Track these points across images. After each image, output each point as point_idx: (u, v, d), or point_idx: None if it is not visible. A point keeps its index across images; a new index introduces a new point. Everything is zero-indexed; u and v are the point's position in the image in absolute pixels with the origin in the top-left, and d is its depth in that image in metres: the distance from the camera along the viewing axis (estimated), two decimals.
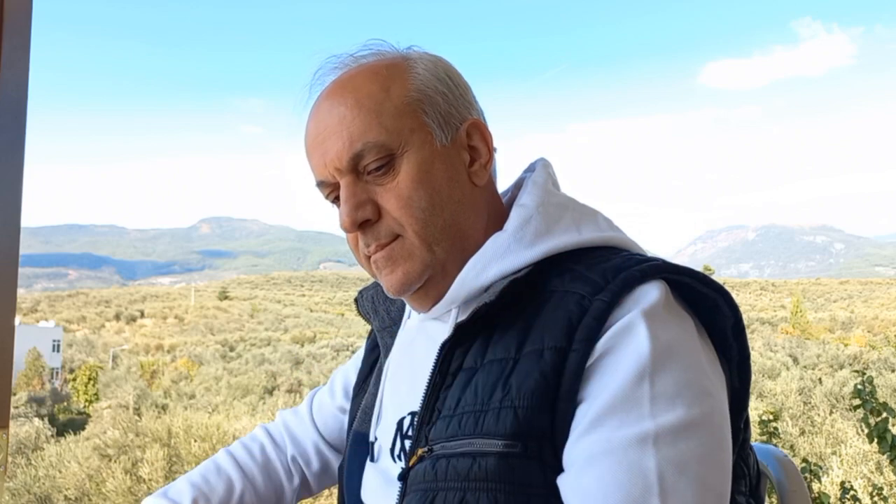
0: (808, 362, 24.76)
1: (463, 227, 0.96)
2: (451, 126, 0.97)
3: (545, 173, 1.04)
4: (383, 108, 0.93)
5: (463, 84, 1.01)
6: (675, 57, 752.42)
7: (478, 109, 1.02)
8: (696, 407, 0.81)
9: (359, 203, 0.94)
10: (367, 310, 1.17)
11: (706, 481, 0.79)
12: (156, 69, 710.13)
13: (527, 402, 0.82)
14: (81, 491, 11.65)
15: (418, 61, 0.98)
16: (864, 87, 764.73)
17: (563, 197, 1.02)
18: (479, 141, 0.99)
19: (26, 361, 34.04)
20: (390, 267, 0.96)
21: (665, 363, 0.81)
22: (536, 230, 0.94)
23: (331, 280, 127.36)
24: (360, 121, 0.93)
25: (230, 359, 36.18)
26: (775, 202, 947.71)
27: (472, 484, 0.83)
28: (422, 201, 0.93)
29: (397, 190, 0.93)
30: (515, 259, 0.92)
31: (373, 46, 1.01)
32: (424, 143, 0.94)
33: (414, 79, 0.96)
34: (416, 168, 0.93)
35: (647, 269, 0.87)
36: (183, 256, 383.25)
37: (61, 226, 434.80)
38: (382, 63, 0.98)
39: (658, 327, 0.83)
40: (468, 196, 0.97)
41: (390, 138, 0.93)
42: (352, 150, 0.93)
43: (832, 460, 9.85)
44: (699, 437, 0.80)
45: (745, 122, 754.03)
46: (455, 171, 0.96)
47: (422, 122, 0.95)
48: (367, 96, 0.94)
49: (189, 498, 1.14)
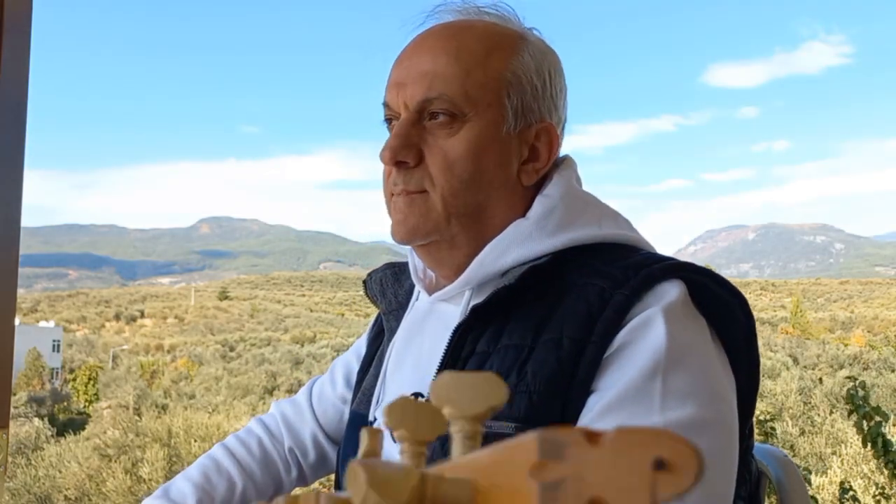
0: (808, 362, 24.76)
1: (490, 214, 0.96)
2: (526, 119, 0.96)
3: (570, 169, 1.04)
4: (475, 71, 0.93)
5: (559, 87, 1.01)
6: (678, 58, 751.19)
7: (560, 117, 1.01)
8: (707, 408, 0.81)
9: (406, 143, 0.94)
10: (375, 292, 1.17)
11: (712, 481, 0.79)
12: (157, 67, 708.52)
13: (542, 388, 0.83)
14: (81, 491, 11.64)
15: (531, 46, 0.98)
16: (864, 87, 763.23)
17: (586, 193, 1.03)
18: (544, 145, 0.99)
19: (26, 361, 34.03)
20: (404, 214, 0.96)
21: (680, 362, 0.82)
22: (559, 220, 0.95)
23: (331, 280, 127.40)
24: (448, 72, 0.93)
25: (230, 359, 36.18)
26: (775, 202, 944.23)
27: None
28: (465, 172, 0.93)
29: (446, 150, 0.93)
30: (536, 246, 0.92)
31: (501, 8, 1.00)
32: (493, 122, 0.94)
33: (517, 59, 0.96)
34: (473, 139, 0.93)
35: (668, 268, 0.88)
36: (183, 256, 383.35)
37: (61, 226, 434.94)
38: (498, 29, 0.98)
39: (676, 326, 0.83)
40: (508, 188, 0.97)
41: (465, 100, 0.92)
42: (427, 94, 0.93)
43: (832, 460, 9.85)
44: (707, 437, 0.80)
45: (745, 121, 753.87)
46: (507, 160, 0.96)
47: (501, 102, 0.94)
48: (468, 53, 0.94)
49: (193, 499, 1.13)
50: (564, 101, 1.02)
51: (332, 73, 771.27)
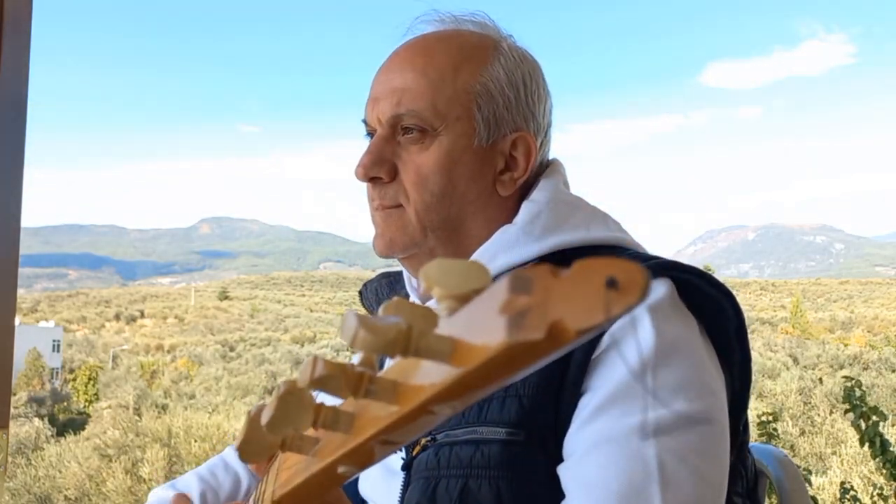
0: (808, 362, 24.76)
1: (466, 226, 0.97)
2: (499, 130, 0.96)
3: (557, 173, 1.04)
4: (443, 86, 0.94)
5: (536, 95, 1.00)
6: (678, 58, 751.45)
7: (539, 123, 1.00)
8: (698, 402, 0.81)
9: (378, 159, 0.96)
10: (372, 302, 1.18)
11: (705, 475, 0.80)
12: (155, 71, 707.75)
13: (532, 392, 0.83)
14: (81, 491, 11.65)
15: (504, 56, 0.98)
16: (864, 87, 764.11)
17: (573, 196, 1.02)
18: (522, 155, 0.98)
19: (26, 361, 34.03)
20: (381, 228, 0.99)
21: (668, 358, 0.82)
22: (545, 225, 0.95)
23: (331, 280, 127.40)
24: (417, 88, 0.94)
25: (230, 359, 36.18)
26: (775, 202, 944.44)
27: (475, 471, 0.83)
28: (436, 186, 0.94)
29: (417, 165, 0.94)
30: (523, 251, 0.93)
31: (478, 17, 1.01)
32: (463, 134, 0.95)
33: (488, 71, 0.96)
34: (444, 153, 0.94)
35: (654, 266, 0.88)
36: (183, 256, 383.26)
37: (61, 226, 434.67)
38: (471, 40, 0.98)
39: (663, 322, 0.84)
40: (484, 199, 0.97)
41: (434, 116, 0.94)
42: (396, 110, 0.94)
43: (832, 460, 9.85)
44: (699, 431, 0.81)
45: (745, 121, 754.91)
46: (480, 172, 0.96)
47: (471, 115, 0.95)
48: (435, 68, 0.95)
49: (197, 491, 1.14)
50: (544, 108, 1.01)
51: (333, 73, 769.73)
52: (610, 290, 0.31)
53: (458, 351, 0.36)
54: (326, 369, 0.40)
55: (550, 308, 0.32)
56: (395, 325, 0.37)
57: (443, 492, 0.85)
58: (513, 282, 0.34)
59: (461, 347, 0.36)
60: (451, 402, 0.38)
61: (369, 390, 0.41)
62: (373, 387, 0.41)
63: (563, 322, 0.32)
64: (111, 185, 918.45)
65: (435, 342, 0.37)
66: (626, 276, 0.31)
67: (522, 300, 0.33)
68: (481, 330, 0.35)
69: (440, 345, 0.37)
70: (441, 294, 0.38)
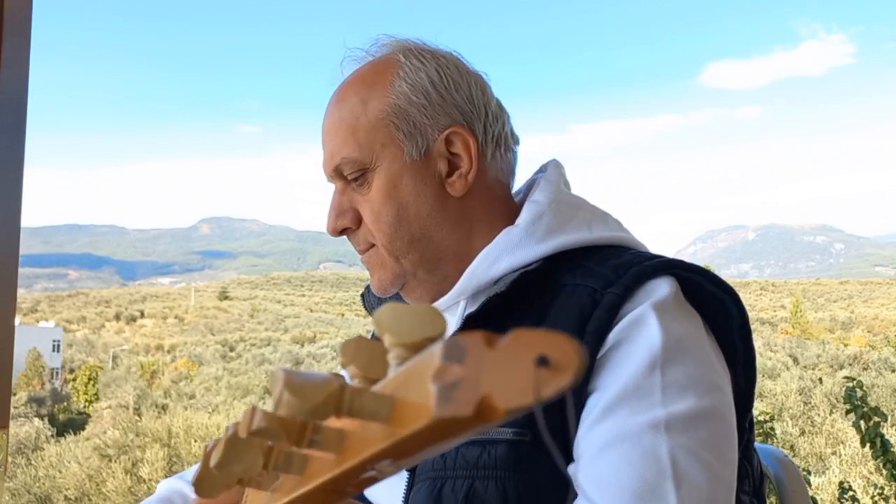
0: (808, 362, 24.75)
1: (433, 240, 0.98)
2: (425, 137, 0.96)
3: (557, 173, 1.05)
4: (359, 124, 0.96)
5: (452, 84, 0.97)
6: (677, 58, 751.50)
7: (467, 110, 0.98)
8: (706, 398, 0.82)
9: (340, 212, 1.00)
10: (373, 304, 1.18)
11: (716, 470, 0.80)
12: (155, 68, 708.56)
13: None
14: (81, 491, 11.65)
15: (404, 68, 0.97)
16: (864, 87, 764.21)
17: (575, 197, 1.03)
18: (462, 149, 0.97)
19: (26, 361, 34.02)
20: (370, 270, 1.03)
21: (676, 355, 0.83)
22: (548, 226, 0.95)
23: (331, 280, 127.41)
24: (339, 136, 0.98)
25: (230, 359, 36.18)
26: (775, 202, 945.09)
27: (481, 472, 0.84)
28: (388, 216, 0.96)
29: (369, 204, 0.97)
30: (526, 253, 0.93)
31: (382, 40, 1.03)
32: (395, 157, 0.96)
33: (391, 91, 0.96)
34: (385, 183, 0.96)
35: (658, 265, 0.89)
36: (183, 256, 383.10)
37: (61, 226, 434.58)
38: (372, 69, 1.00)
39: (669, 320, 0.84)
40: (439, 209, 0.97)
41: (363, 154, 0.96)
42: (332, 162, 0.99)
43: (832, 460, 9.85)
44: (709, 427, 0.81)
45: (745, 121, 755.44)
46: (424, 184, 0.97)
47: (393, 137, 0.96)
48: (349, 111, 0.97)
49: None
50: (469, 93, 0.98)
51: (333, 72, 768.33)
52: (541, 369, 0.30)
53: (395, 414, 0.35)
54: (265, 422, 0.38)
55: (481, 382, 0.31)
56: (326, 386, 0.35)
57: (449, 492, 0.85)
58: (447, 349, 0.33)
59: (398, 410, 0.35)
60: (391, 460, 0.37)
61: (313, 440, 0.39)
62: (317, 437, 0.39)
63: (491, 399, 0.31)
64: (111, 185, 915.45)
65: (371, 402, 0.35)
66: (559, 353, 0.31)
67: (455, 370, 0.32)
68: (416, 394, 0.34)
69: (377, 405, 0.35)
70: (391, 342, 0.37)
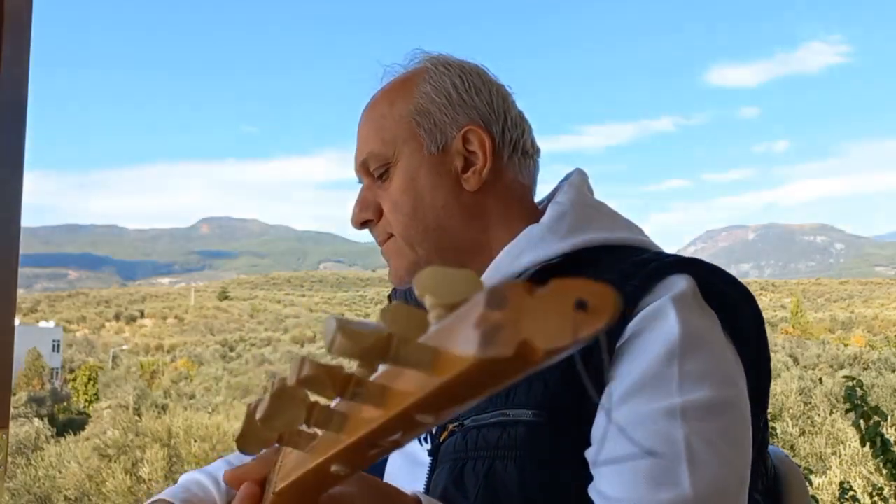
0: (808, 362, 24.78)
1: (447, 231, 1.03)
2: (445, 133, 1.02)
3: (580, 179, 1.09)
4: (385, 122, 1.04)
5: (473, 88, 1.04)
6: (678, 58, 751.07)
7: (485, 113, 1.04)
8: (723, 390, 0.84)
9: (363, 206, 1.06)
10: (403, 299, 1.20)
11: (731, 460, 0.82)
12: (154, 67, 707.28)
13: (558, 375, 0.86)
14: (81, 491, 11.66)
15: (430, 73, 1.05)
16: (863, 87, 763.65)
17: (596, 200, 1.07)
18: (478, 147, 1.03)
19: (26, 361, 34.04)
20: (388, 261, 1.08)
21: (693, 347, 0.85)
22: (571, 225, 0.99)
23: (331, 280, 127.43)
24: (367, 135, 1.06)
25: (230, 359, 36.21)
26: (775, 202, 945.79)
27: (501, 452, 0.86)
28: (406, 206, 1.02)
29: (389, 196, 1.04)
30: (549, 249, 0.97)
31: (415, 54, 1.10)
32: (414, 152, 1.02)
33: (416, 93, 1.04)
34: (404, 176, 1.02)
35: (677, 262, 0.92)
36: (183, 257, 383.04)
37: (61, 226, 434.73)
38: (402, 77, 1.08)
39: (687, 313, 0.86)
40: (454, 202, 1.03)
41: (385, 149, 1.03)
42: (360, 158, 1.06)
43: (832, 460, 9.85)
44: (725, 418, 0.83)
45: (745, 121, 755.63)
46: (440, 178, 1.03)
47: (414, 133, 1.03)
48: (378, 112, 1.06)
49: None
50: (490, 98, 1.05)
51: (333, 72, 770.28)
52: (579, 312, 0.31)
53: (438, 361, 0.36)
54: (312, 370, 0.40)
55: (522, 326, 0.32)
56: (375, 332, 0.37)
57: (469, 473, 0.87)
58: (489, 296, 0.34)
59: (441, 358, 0.36)
60: (432, 411, 0.38)
61: (356, 393, 0.40)
62: (360, 390, 0.40)
63: (532, 341, 0.32)
64: (111, 185, 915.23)
65: (416, 351, 0.37)
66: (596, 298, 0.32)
67: (496, 315, 0.33)
68: (459, 341, 0.35)
69: (421, 354, 0.36)
70: (432, 302, 0.38)
